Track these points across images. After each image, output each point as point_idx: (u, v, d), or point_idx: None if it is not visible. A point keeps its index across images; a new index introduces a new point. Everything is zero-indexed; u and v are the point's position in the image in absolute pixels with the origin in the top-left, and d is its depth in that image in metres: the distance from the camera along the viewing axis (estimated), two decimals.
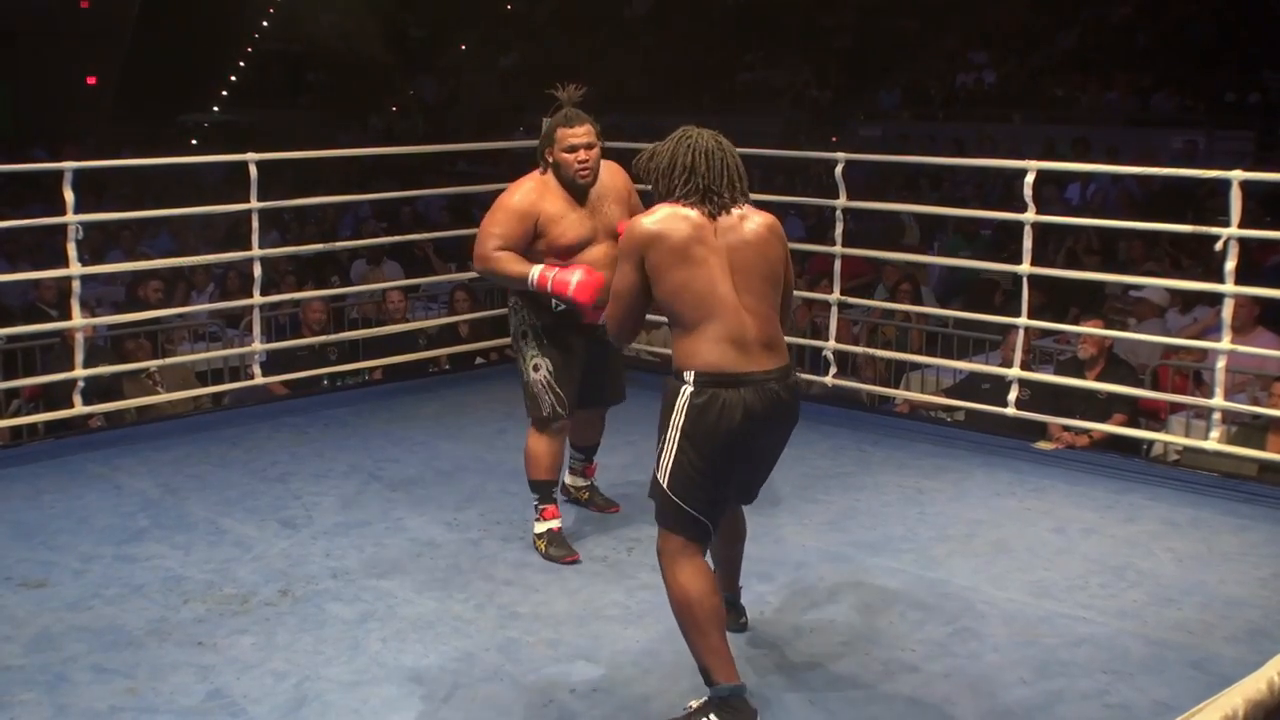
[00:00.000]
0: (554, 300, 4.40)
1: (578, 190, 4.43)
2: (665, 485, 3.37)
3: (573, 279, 4.29)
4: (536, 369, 4.46)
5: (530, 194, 4.43)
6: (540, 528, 4.55)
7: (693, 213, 3.41)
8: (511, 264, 4.39)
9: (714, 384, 3.32)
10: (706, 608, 3.35)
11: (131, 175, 14.72)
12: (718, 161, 3.44)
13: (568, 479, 4.98)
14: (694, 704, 3.40)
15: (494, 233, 4.41)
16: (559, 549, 4.49)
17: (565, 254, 4.40)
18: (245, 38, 29.44)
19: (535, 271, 4.35)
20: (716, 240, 3.39)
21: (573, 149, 4.37)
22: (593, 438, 4.94)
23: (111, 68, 26.89)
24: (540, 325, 4.49)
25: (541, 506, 4.55)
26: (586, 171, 4.40)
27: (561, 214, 4.41)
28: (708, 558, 3.49)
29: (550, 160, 4.43)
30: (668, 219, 3.40)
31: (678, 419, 3.34)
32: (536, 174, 4.50)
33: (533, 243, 4.41)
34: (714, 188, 3.43)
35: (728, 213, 3.43)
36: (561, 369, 4.47)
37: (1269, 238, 6.35)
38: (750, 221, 3.46)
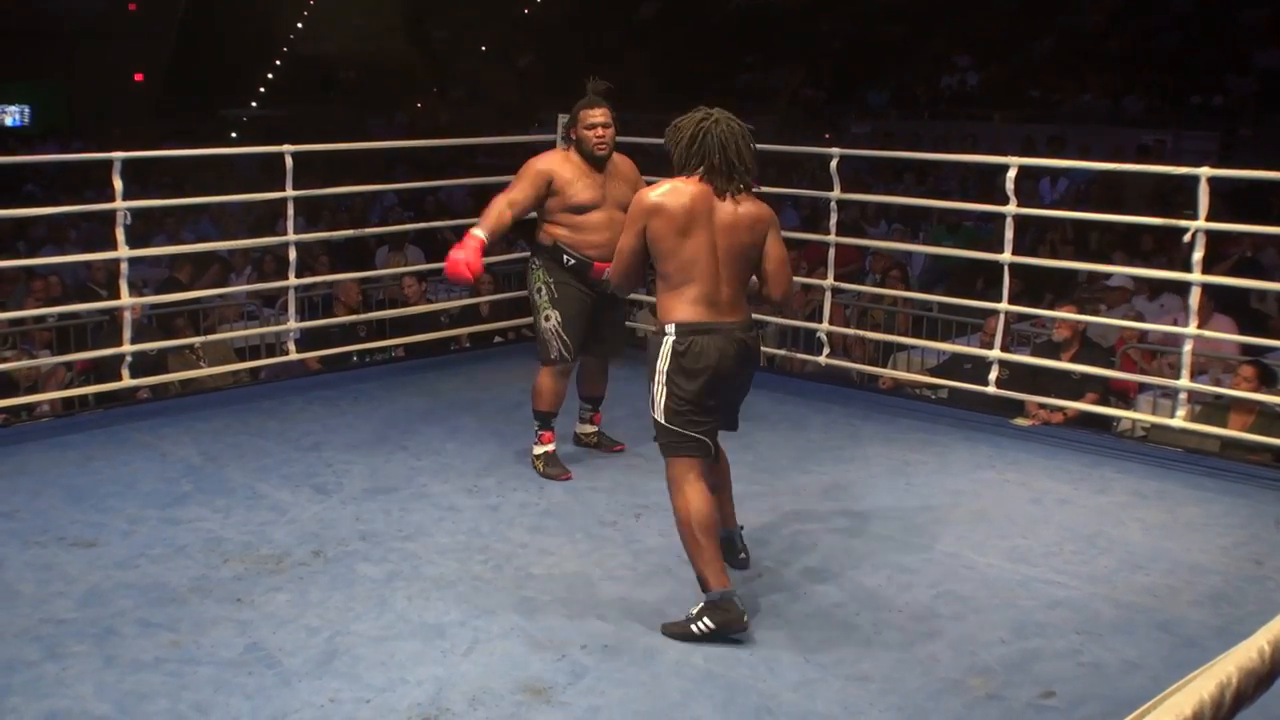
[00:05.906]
0: (565, 257, 4.86)
1: (594, 162, 4.88)
2: (663, 420, 3.63)
3: (456, 253, 4.59)
4: (547, 319, 4.88)
5: (551, 160, 4.92)
6: (539, 450, 4.98)
7: (693, 188, 3.60)
8: (489, 219, 4.74)
9: (691, 332, 3.58)
10: (705, 523, 3.58)
11: (174, 165, 14.68)
12: (729, 146, 3.60)
13: (578, 428, 5.36)
14: (694, 610, 3.58)
15: (510, 193, 4.84)
16: (553, 467, 4.93)
17: (576, 211, 4.86)
18: (280, 39, 29.35)
19: (477, 231, 4.68)
20: (711, 217, 3.59)
21: (592, 126, 4.84)
22: (598, 389, 5.31)
23: (157, 66, 26.89)
24: (553, 281, 4.90)
25: (541, 432, 4.97)
26: (603, 145, 4.86)
27: (577, 179, 4.86)
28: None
29: (574, 137, 4.90)
30: (670, 193, 3.61)
31: (664, 364, 3.61)
32: (560, 148, 5.09)
33: (547, 200, 4.86)
34: (719, 169, 3.60)
35: (729, 195, 3.61)
36: (568, 320, 4.87)
37: (1234, 230, 6.29)
38: (744, 207, 3.64)
